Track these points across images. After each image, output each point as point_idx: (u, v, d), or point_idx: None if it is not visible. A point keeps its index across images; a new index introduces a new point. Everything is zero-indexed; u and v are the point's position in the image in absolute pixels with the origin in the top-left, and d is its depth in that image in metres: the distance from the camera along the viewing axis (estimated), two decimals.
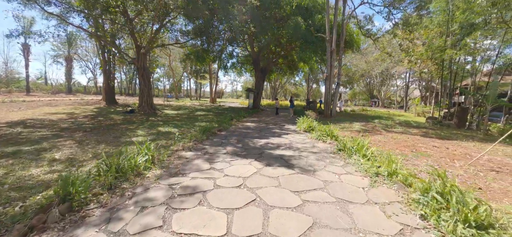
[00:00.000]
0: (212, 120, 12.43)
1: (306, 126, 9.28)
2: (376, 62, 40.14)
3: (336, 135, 7.32)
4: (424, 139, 8.63)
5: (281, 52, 25.72)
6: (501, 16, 10.62)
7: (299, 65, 28.48)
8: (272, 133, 8.95)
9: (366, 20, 17.79)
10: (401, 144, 7.47)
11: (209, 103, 33.65)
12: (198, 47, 22.38)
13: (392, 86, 54.74)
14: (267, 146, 6.47)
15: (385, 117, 18.30)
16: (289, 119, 15.08)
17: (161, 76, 69.25)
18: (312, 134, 8.25)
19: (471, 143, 8.22)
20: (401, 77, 47.23)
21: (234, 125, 10.94)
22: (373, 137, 8.63)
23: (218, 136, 7.82)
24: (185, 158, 4.92)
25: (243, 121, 12.95)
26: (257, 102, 23.82)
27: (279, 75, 35.38)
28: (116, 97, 32.56)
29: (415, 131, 11.44)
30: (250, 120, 13.95)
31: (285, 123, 12.58)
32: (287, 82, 65.00)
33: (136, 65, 15.99)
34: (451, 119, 15.38)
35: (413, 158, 5.62)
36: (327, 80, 16.14)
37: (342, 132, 9.51)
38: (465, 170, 4.71)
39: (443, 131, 11.92)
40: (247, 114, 16.96)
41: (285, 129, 10.34)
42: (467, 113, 13.83)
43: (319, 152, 5.91)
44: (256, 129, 10.02)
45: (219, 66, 28.85)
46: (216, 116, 15.11)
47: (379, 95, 56.88)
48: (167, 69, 49.93)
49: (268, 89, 70.72)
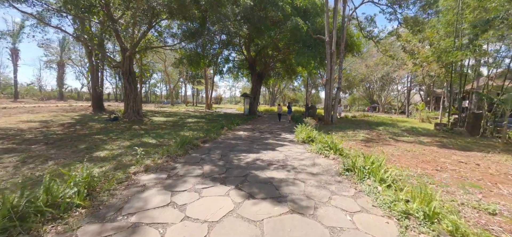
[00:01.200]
0: (202, 128, 11.19)
1: (304, 136, 8.02)
2: (377, 66, 39.19)
3: (340, 148, 6.05)
4: (443, 151, 7.39)
5: (279, 56, 24.68)
6: None
7: (297, 70, 27.45)
8: (265, 144, 7.68)
9: (367, 21, 16.75)
10: (419, 158, 6.21)
11: (205, 109, 32.43)
12: (191, 51, 21.34)
13: (392, 91, 53.75)
14: (255, 163, 5.20)
15: (389, 124, 17.08)
16: (287, 127, 13.83)
17: (158, 81, 68.22)
18: (312, 146, 6.99)
19: (498, 155, 6.97)
20: (402, 82, 46.33)
21: (223, 134, 9.68)
22: (382, 148, 7.38)
23: (199, 150, 6.55)
24: (139, 186, 3.64)
25: (235, 129, 11.70)
26: (253, 108, 22.61)
27: (277, 80, 34.31)
28: (107, 104, 31.36)
29: (427, 139, 10.20)
30: (243, 127, 12.70)
31: (281, 132, 11.33)
32: (286, 88, 64.07)
33: (121, 69, 14.81)
34: (462, 125, 14.17)
35: (441, 180, 4.36)
36: (327, 85, 14.97)
37: (346, 142, 8.26)
38: None
39: (458, 139, 10.69)
40: (241, 121, 15.71)
41: (281, 139, 9.08)
42: (481, 119, 12.62)
43: (321, 172, 4.64)
44: (247, 139, 8.75)
45: (214, 71, 27.72)
46: (207, 123, 13.86)
47: (379, 101, 55.83)
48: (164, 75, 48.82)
49: (267, 95, 69.70)
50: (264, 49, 22.84)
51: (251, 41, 23.43)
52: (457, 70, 15.17)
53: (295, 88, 70.03)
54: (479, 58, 13.89)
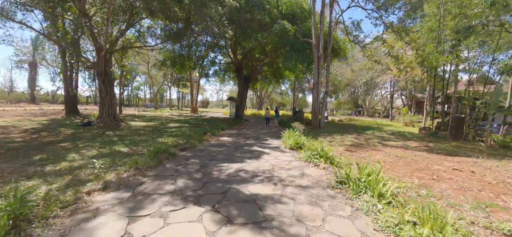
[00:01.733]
0: (183, 134, 10.42)
1: (292, 142, 7.52)
2: (361, 71, 40.09)
3: (331, 156, 5.60)
4: (434, 157, 7.17)
5: (266, 59, 24.33)
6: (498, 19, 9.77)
7: (284, 74, 27.26)
8: (250, 152, 7.09)
9: (353, 26, 16.80)
10: (412, 165, 5.89)
11: (190, 113, 31.35)
12: (174, 53, 20.44)
13: (376, 95, 55.32)
14: (238, 175, 4.59)
15: (375, 128, 17.14)
16: (274, 132, 13.35)
17: (142, 84, 65.85)
18: (301, 154, 6.49)
19: (488, 161, 6.85)
20: (385, 87, 47.77)
21: (206, 141, 8.98)
22: (372, 154, 7.05)
23: (176, 159, 5.84)
24: (90, 210, 2.91)
25: (219, 134, 11.02)
26: (240, 112, 21.99)
27: (264, 84, 33.93)
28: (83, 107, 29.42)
29: (415, 144, 10.09)
30: (228, 132, 12.04)
31: (268, 137, 10.80)
32: (273, 92, 64.09)
33: (96, 70, 13.69)
34: (445, 129, 14.41)
35: (441, 191, 3.99)
36: (314, 89, 14.72)
37: (336, 148, 7.87)
38: None
39: (443, 143, 10.70)
40: (226, 126, 15.04)
41: (267, 145, 8.53)
42: (463, 123, 12.85)
43: (311, 185, 4.12)
44: (231, 146, 8.12)
45: (200, 74, 26.87)
46: (190, 129, 13.06)
47: (363, 105, 57.22)
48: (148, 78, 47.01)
49: (254, 99, 69.35)
50: (251, 53, 22.40)
51: (237, 44, 22.93)
52: (439, 75, 15.52)
53: (282, 92, 70.30)
54: (460, 63, 14.27)
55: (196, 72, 30.10)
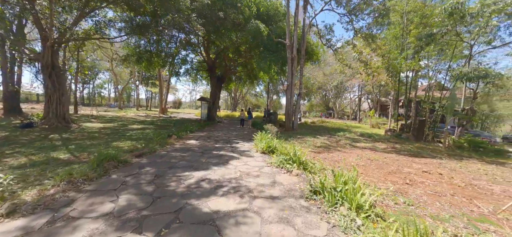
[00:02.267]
0: (145, 137, 9.31)
1: (264, 146, 7.03)
2: (332, 75, 41.79)
3: (304, 161, 5.20)
4: (401, 158, 7.27)
5: (240, 60, 23.77)
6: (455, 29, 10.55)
7: (259, 75, 26.99)
8: (218, 157, 6.42)
9: (326, 29, 17.12)
10: (384, 168, 5.79)
11: (159, 114, 29.36)
12: (140, 48, 18.79)
13: (345, 99, 58.28)
14: (199, 187, 3.91)
15: (345, 130, 17.62)
16: (246, 134, 12.80)
17: (105, 82, 60.47)
18: (272, 158, 6.02)
19: (450, 161, 7.13)
20: (353, 90, 50.52)
21: (169, 145, 8.06)
22: (345, 156, 6.89)
23: (127, 168, 4.94)
24: None
25: (187, 137, 10.11)
26: (212, 114, 21.05)
27: (238, 85, 33.31)
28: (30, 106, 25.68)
29: (383, 145, 10.36)
30: (197, 135, 11.17)
31: (239, 140, 10.20)
32: (248, 93, 63.79)
33: (41, 62, 11.77)
34: (408, 131, 15.30)
35: (417, 198, 3.80)
36: (288, 90, 14.55)
37: (309, 150, 7.59)
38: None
39: (408, 144, 11.21)
40: (196, 128, 14.08)
41: (238, 149, 7.94)
42: (424, 125, 13.73)
43: (283, 195, 3.63)
44: (198, 150, 7.35)
45: (170, 72, 25.18)
46: (155, 131, 11.89)
47: (334, 107, 59.86)
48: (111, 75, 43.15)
49: (229, 100, 68.21)
50: (225, 52, 21.66)
51: (210, 42, 22.03)
52: (402, 81, 16.51)
53: (257, 94, 70.37)
54: (420, 70, 15.32)
55: (165, 70, 28.31)
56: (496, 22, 10.08)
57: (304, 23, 15.01)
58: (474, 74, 10.52)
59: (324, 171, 4.99)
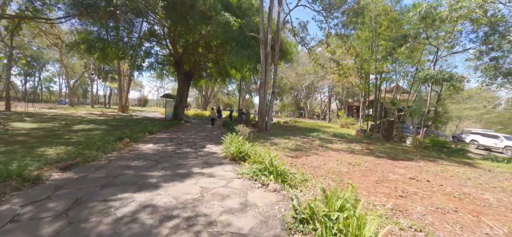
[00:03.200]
0: (90, 140, 7.50)
1: (234, 151, 5.95)
2: (303, 76, 42.43)
3: (282, 170, 4.26)
4: (382, 162, 6.84)
5: (210, 55, 22.24)
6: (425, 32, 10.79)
7: (231, 73, 25.77)
8: (176, 167, 5.16)
9: (300, 27, 16.68)
10: (368, 175, 5.17)
11: (118, 112, 26.22)
12: (91, 34, 16.17)
13: (315, 99, 60.10)
14: (133, 222, 2.67)
15: (317, 130, 17.43)
16: (215, 135, 11.57)
17: (55, 75, 52.96)
18: (244, 167, 4.98)
19: (428, 163, 6.92)
20: (323, 91, 52.23)
21: (117, 151, 6.49)
22: (324, 160, 6.18)
23: (37, 189, 3.44)
24: None
25: (143, 141, 8.51)
26: (179, 112, 19.22)
27: (209, 82, 31.51)
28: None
29: (358, 147, 10.06)
30: (158, 137, 9.60)
31: (207, 142, 8.95)
32: (220, 92, 61.94)
33: None
34: (378, 131, 15.63)
35: (420, 218, 3.11)
36: (261, 88, 13.67)
37: (285, 153, 6.73)
38: None
39: (380, 145, 11.17)
40: (159, 129, 12.38)
41: (204, 154, 6.73)
42: (393, 126, 14.05)
43: (258, 225, 2.62)
44: (153, 157, 5.96)
45: (131, 66, 22.46)
46: (107, 132, 9.97)
47: (305, 107, 61.35)
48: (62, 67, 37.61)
49: (200, 98, 65.29)
50: (194, 46, 19.99)
51: (179, 36, 20.17)
52: (371, 82, 16.88)
53: (229, 93, 68.78)
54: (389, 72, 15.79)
55: (126, 64, 25.38)
56: (460, 28, 10.54)
57: (278, 18, 14.28)
58: (440, 76, 10.86)
59: (307, 184, 4.12)
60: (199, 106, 67.21)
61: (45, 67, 47.29)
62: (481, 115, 25.83)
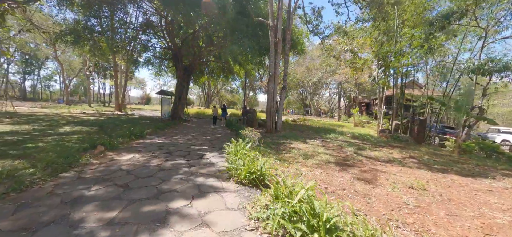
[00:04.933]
0: (53, 149, 5.72)
1: (244, 170, 4.02)
2: (311, 71, 40.20)
3: (333, 223, 2.34)
4: (448, 181, 4.87)
5: (211, 48, 20.34)
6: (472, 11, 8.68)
7: (234, 69, 23.87)
8: (152, 200, 3.31)
9: (314, 13, 14.59)
10: (459, 217, 3.22)
11: (114, 111, 24.59)
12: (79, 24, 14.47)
13: (323, 96, 57.79)
14: None
15: (331, 130, 15.44)
16: (219, 137, 9.71)
17: (54, 73, 51.79)
18: (258, 204, 3.09)
19: (501, 181, 4.93)
20: (330, 88, 49.92)
21: (82, 165, 4.68)
22: (369, 180, 4.26)
23: None
24: None
25: (126, 148, 6.69)
26: (177, 111, 17.42)
27: (211, 79, 29.60)
28: None
29: (396, 154, 8.07)
30: (147, 142, 7.78)
31: (207, 150, 7.09)
32: (223, 89, 60.15)
33: None
34: (404, 131, 13.57)
35: None
36: (270, 82, 11.72)
37: (310, 170, 4.82)
38: None
39: (414, 148, 9.16)
40: (152, 130, 10.60)
41: (199, 171, 4.86)
42: (425, 125, 11.99)
43: None
44: (125, 179, 4.11)
45: (128, 60, 20.72)
46: (86, 136, 8.20)
47: (311, 105, 59.11)
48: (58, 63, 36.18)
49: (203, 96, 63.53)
50: (193, 38, 18.14)
51: (178, 27, 18.39)
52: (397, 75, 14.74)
53: (233, 90, 66.93)
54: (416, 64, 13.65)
55: (121, 59, 23.68)
56: None
57: (290, 1, 12.27)
58: (491, 66, 8.76)
59: None
60: (202, 104, 65.56)
61: (45, 64, 46.12)
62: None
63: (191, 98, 72.89)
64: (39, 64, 44.03)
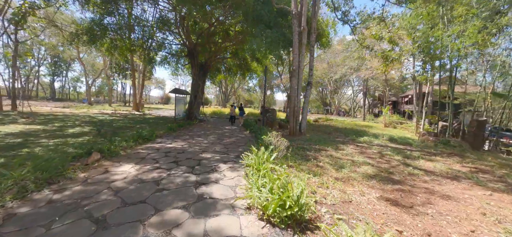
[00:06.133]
0: (46, 155, 4.87)
1: (272, 202, 2.71)
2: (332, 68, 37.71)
3: None
4: None
5: (227, 44, 19.26)
6: None
7: (251, 66, 22.66)
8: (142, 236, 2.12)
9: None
10: None
11: (132, 111, 24.55)
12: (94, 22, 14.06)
13: (345, 94, 54.64)
14: None
15: (366, 133, 13.61)
16: (235, 141, 8.49)
17: (82, 75, 54.25)
18: None
19: None
20: (352, 85, 46.85)
21: (67, 179, 3.68)
22: (454, 212, 2.75)
23: None
24: None
25: (128, 155, 5.70)
26: (193, 111, 16.57)
27: (228, 77, 28.55)
28: None
29: (459, 166, 6.29)
30: (156, 146, 6.75)
31: (224, 154, 5.88)
32: (240, 88, 59.34)
33: None
34: (455, 135, 11.41)
35: None
36: (294, 78, 10.25)
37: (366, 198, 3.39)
38: None
39: (479, 157, 7.23)
40: (166, 132, 9.68)
41: (214, 189, 3.63)
42: (484, 128, 9.83)
43: None
44: (107, 206, 3.00)
45: (143, 60, 20.37)
46: (95, 137, 7.43)
47: (332, 103, 56.28)
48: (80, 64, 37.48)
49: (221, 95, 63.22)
50: (209, 34, 17.18)
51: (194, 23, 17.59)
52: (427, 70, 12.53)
53: (250, 89, 65.93)
54: None
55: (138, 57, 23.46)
56: None
57: None
58: None
59: None
60: (219, 103, 65.36)
61: (71, 66, 48.40)
62: None
63: (209, 98, 73.11)
64: (66, 66, 46.19)
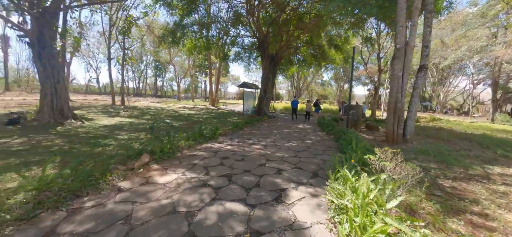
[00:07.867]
0: (123, 148, 4.65)
1: None
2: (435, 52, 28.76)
3: None
4: None
5: (300, 33, 17.12)
6: None
7: (329, 54, 19.69)
8: None
9: None
10: None
11: (208, 105, 26.29)
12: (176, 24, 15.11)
13: (455, 86, 41.61)
14: None
15: (503, 141, 8.73)
16: (310, 145, 6.57)
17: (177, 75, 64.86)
18: None
19: None
20: (471, 73, 34.64)
21: (119, 184, 2.90)
22: None
23: None
24: None
25: (192, 152, 4.87)
26: (262, 106, 15.52)
27: (302, 68, 25.88)
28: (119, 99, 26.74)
29: None
30: (217, 146, 5.78)
31: (295, 167, 4.17)
32: (313, 81, 55.33)
33: (29, 38, 8.95)
34: None
35: None
36: (398, 59, 7.18)
37: None
38: None
39: None
40: (231, 129, 8.86)
41: None
42: None
43: None
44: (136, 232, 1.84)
45: (219, 57, 21.12)
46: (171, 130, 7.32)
47: (435, 97, 44.29)
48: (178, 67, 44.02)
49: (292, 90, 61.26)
50: (281, 22, 15.64)
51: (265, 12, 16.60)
52: None
53: (324, 83, 60.71)
54: None
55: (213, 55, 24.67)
56: None
57: None
58: None
59: None
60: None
61: (168, 68, 58.13)
62: None
63: (280, 93, 72.47)
64: (164, 68, 55.75)
